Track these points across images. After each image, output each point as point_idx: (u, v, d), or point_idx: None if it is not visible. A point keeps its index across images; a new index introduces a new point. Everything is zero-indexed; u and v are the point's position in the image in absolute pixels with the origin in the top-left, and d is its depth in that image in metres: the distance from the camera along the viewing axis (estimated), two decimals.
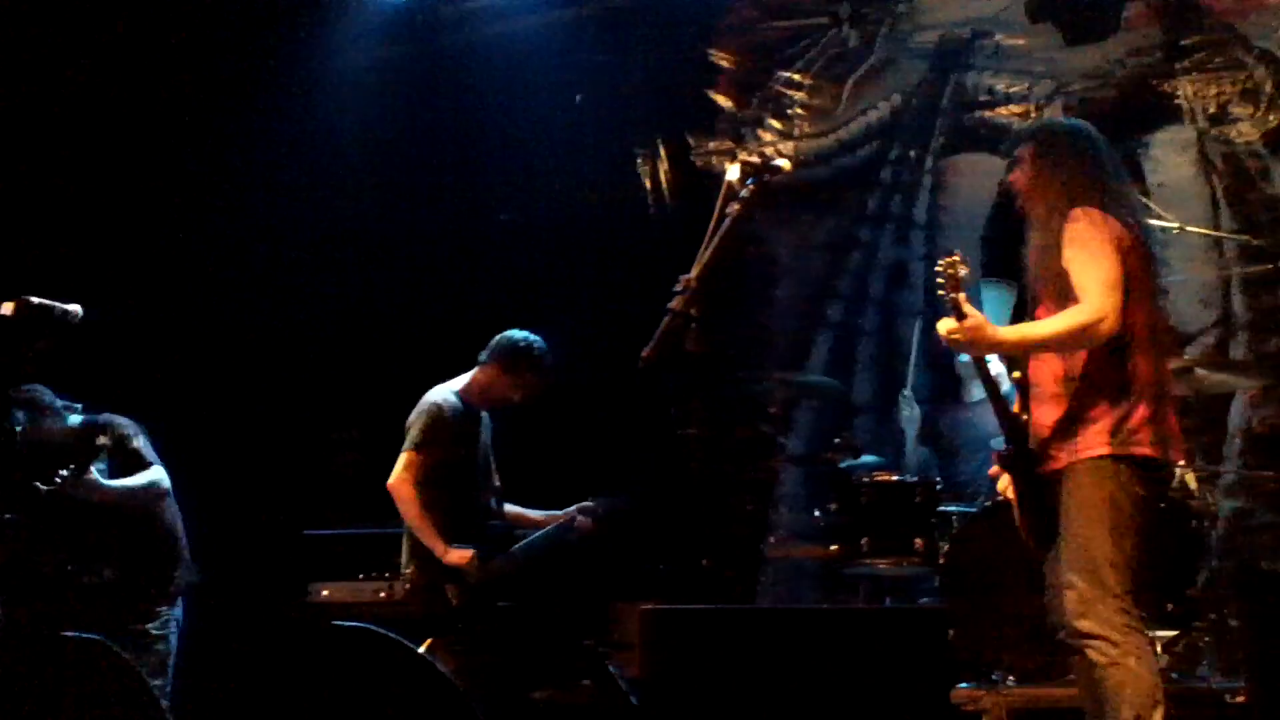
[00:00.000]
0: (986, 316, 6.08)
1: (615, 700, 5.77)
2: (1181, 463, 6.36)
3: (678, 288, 4.64)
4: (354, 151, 8.55)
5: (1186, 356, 6.76)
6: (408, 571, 6.14)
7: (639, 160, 8.78)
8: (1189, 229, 6.81)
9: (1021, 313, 5.98)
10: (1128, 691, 4.09)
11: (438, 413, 6.19)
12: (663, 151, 8.75)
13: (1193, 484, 6.32)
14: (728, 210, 4.76)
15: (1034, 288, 4.51)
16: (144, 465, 6.04)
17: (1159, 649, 5.91)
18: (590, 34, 8.70)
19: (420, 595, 6.07)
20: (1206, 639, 5.87)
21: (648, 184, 8.75)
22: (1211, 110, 7.58)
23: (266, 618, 6.81)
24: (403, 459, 6.12)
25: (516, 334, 6.35)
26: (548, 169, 8.52)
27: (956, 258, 4.42)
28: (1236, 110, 7.52)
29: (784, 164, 4.86)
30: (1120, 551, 4.23)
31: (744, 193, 4.73)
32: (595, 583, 6.44)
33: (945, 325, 4.23)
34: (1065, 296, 4.34)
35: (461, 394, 6.30)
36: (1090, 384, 4.35)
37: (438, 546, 5.97)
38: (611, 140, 8.75)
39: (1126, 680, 4.10)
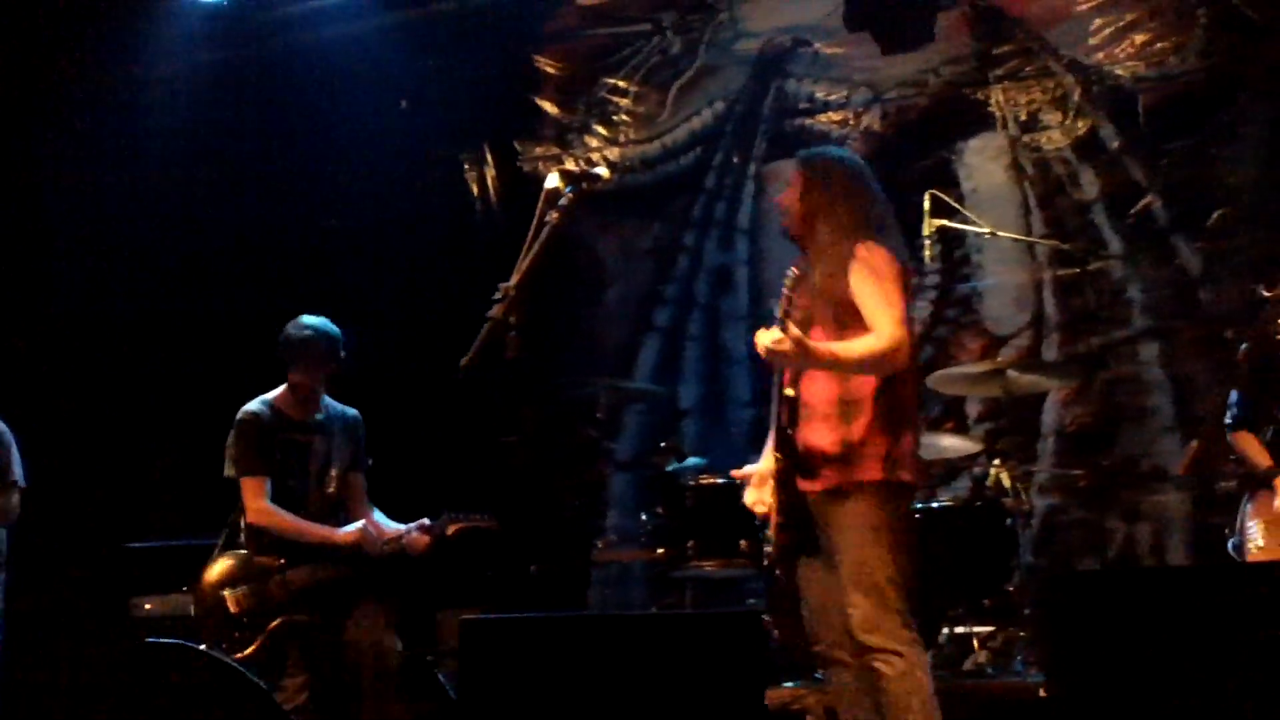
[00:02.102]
0: None
1: (445, 710, 5.72)
2: (997, 461, 6.57)
3: (497, 295, 4.63)
4: (177, 156, 8.38)
5: (1000, 358, 6.93)
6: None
7: (465, 166, 8.74)
8: (1001, 234, 6.98)
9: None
10: (915, 701, 4.21)
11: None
12: (489, 157, 8.72)
13: (1007, 483, 6.48)
14: (547, 218, 4.77)
15: (810, 310, 4.51)
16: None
17: (976, 644, 6.07)
18: (416, 39, 8.64)
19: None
20: (1021, 634, 6.00)
21: (474, 190, 8.72)
22: (1022, 118, 7.77)
23: (85, 633, 6.66)
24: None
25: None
26: (374, 174, 8.45)
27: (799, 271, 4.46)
28: (1046, 118, 7.73)
29: (603, 172, 4.87)
30: (898, 570, 4.35)
31: (563, 200, 4.74)
32: (423, 592, 6.35)
33: (770, 336, 4.24)
34: (844, 325, 4.43)
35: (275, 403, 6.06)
36: (866, 411, 4.43)
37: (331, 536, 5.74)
38: (438, 146, 8.70)
39: (914, 690, 4.23)
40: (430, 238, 8.41)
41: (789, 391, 4.46)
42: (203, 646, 5.25)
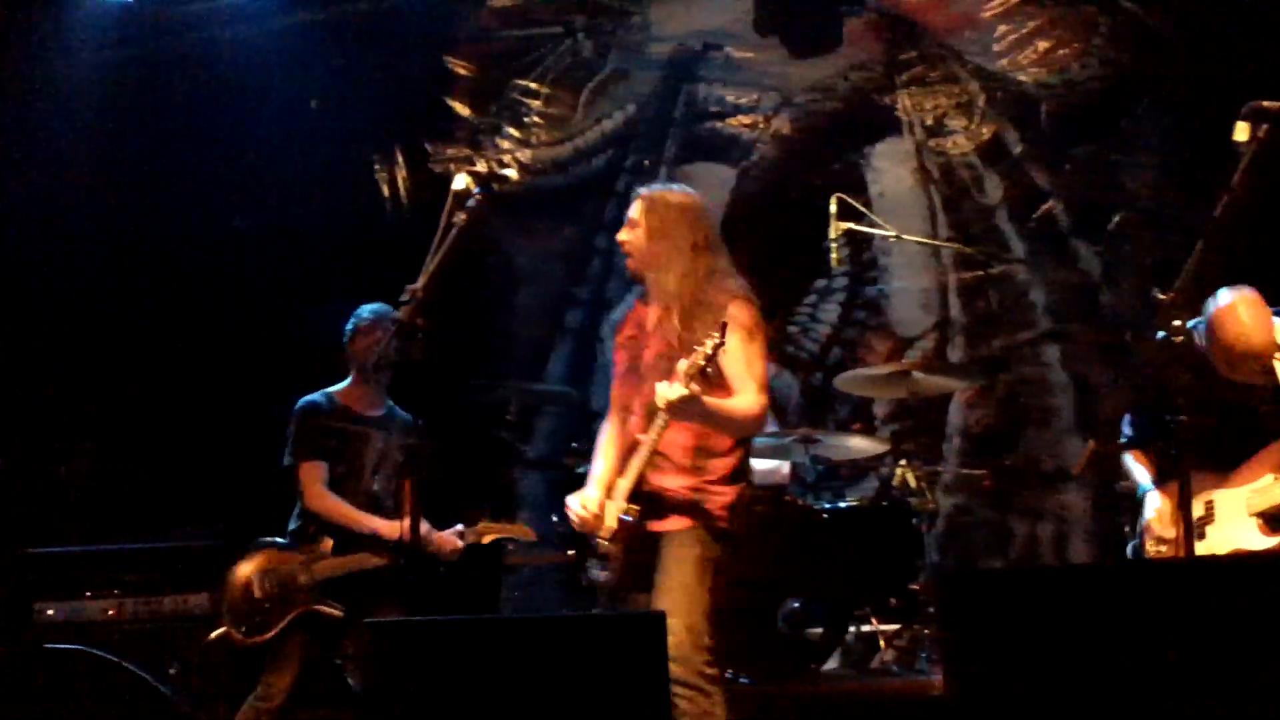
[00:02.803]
0: None
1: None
2: (903, 462, 6.65)
3: (404, 298, 4.64)
4: (83, 155, 8.26)
5: (906, 360, 7.02)
6: None
7: (376, 167, 8.71)
8: (907, 238, 7.08)
9: None
10: None
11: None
12: (400, 158, 8.69)
13: (913, 483, 6.56)
14: (455, 219, 4.77)
15: (663, 353, 4.60)
16: None
17: (883, 643, 6.14)
18: (328, 38, 8.58)
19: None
20: (927, 633, 6.08)
21: (385, 191, 8.68)
22: (929, 123, 7.88)
23: None
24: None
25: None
26: (284, 174, 8.37)
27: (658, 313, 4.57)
28: (952, 123, 7.85)
29: (511, 173, 4.89)
30: (713, 609, 4.52)
31: (472, 201, 4.75)
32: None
33: (675, 391, 4.29)
34: (704, 377, 4.40)
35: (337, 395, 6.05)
36: (718, 463, 4.59)
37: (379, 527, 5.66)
38: (349, 146, 8.65)
39: None
40: (341, 239, 8.35)
41: (640, 436, 4.53)
42: (218, 632, 5.27)
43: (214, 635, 5.30)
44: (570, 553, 6.43)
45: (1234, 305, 4.84)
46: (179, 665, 6.05)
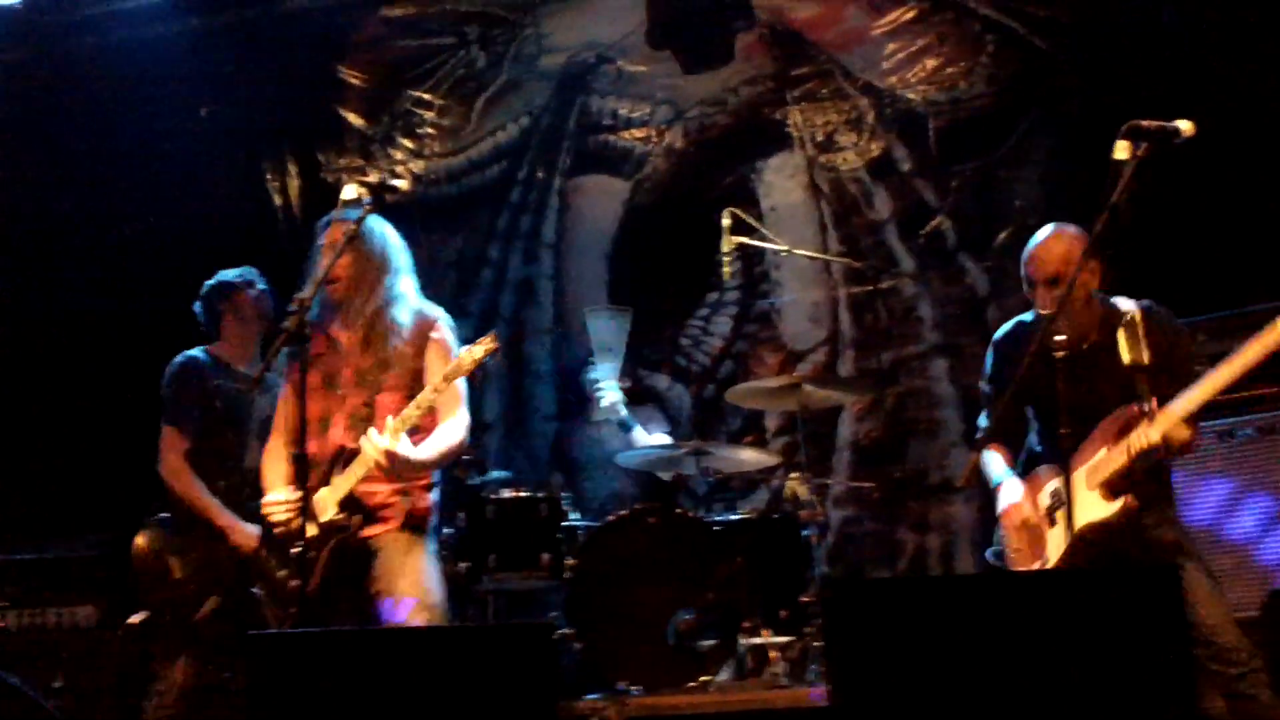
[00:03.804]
0: (603, 343, 6.46)
1: None
2: (794, 474, 6.70)
3: (292, 306, 4.63)
4: None
5: (797, 373, 7.08)
6: None
7: (269, 175, 8.62)
8: (797, 252, 7.13)
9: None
10: None
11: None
12: (292, 167, 8.61)
13: (804, 495, 6.60)
14: (345, 228, 4.78)
15: (361, 372, 5.01)
16: None
17: (773, 655, 6.17)
18: (221, 45, 8.49)
19: None
20: (816, 643, 6.12)
21: (277, 199, 8.60)
22: (819, 138, 7.96)
23: None
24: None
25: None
26: (176, 181, 8.26)
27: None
28: (842, 139, 7.93)
29: (401, 183, 4.96)
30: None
31: (361, 211, 4.76)
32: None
33: (385, 449, 4.71)
34: (412, 396, 4.86)
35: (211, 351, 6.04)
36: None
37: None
38: (241, 153, 8.56)
39: None
40: (231, 246, 8.23)
41: (352, 445, 4.85)
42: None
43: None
44: (463, 566, 6.41)
45: (1043, 230, 4.94)
46: (64, 679, 5.96)
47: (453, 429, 4.95)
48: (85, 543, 6.53)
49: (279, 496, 4.89)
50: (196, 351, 5.86)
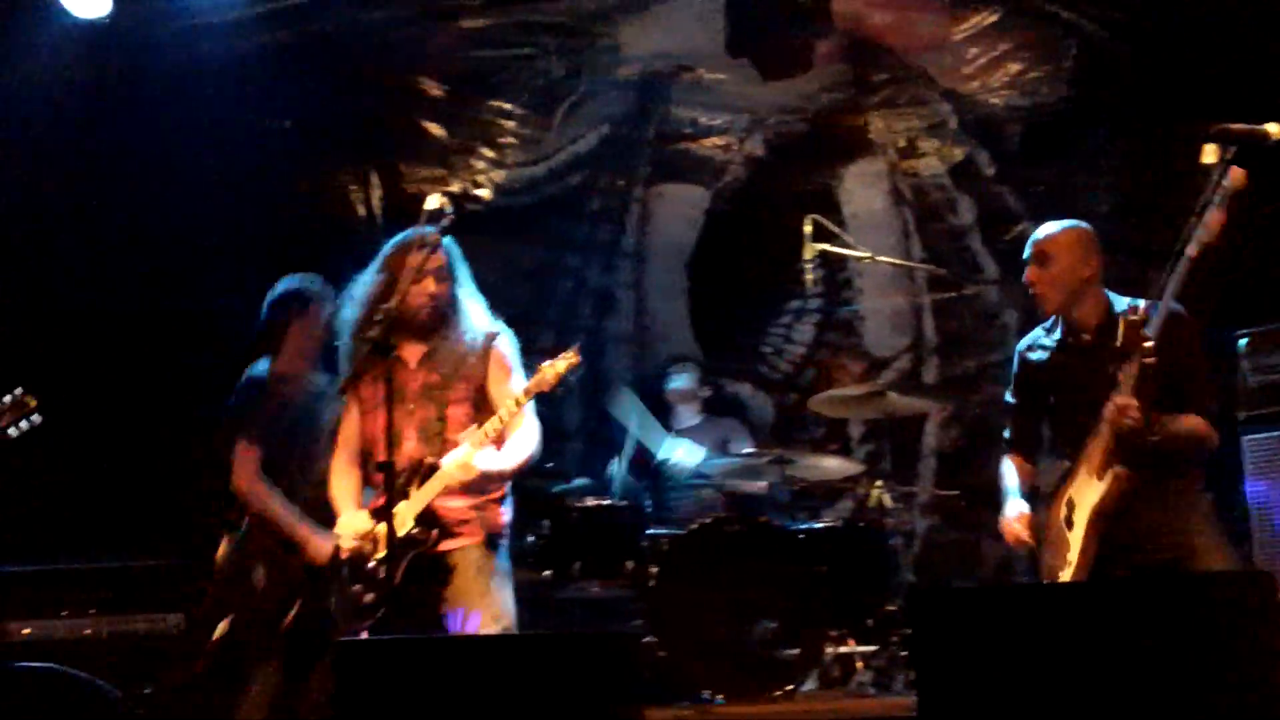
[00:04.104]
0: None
1: None
2: (879, 482, 6.65)
3: (378, 317, 4.64)
4: (50, 177, 8.20)
5: (880, 381, 7.03)
6: None
7: (352, 188, 8.67)
8: (880, 259, 7.09)
9: None
10: None
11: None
12: (375, 179, 8.67)
13: (888, 503, 6.57)
14: (428, 238, 4.80)
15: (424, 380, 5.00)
16: None
17: (860, 664, 6.13)
18: (301, 58, 8.55)
19: None
20: (904, 653, 6.07)
21: (360, 210, 8.65)
22: (901, 144, 7.92)
23: None
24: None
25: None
26: (256, 194, 8.33)
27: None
28: (924, 145, 7.89)
29: (484, 193, 4.96)
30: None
31: (444, 221, 4.77)
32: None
33: (464, 465, 4.74)
34: (479, 408, 4.96)
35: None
36: (495, 486, 5.02)
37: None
38: (322, 166, 8.63)
39: None
40: (311, 258, 8.30)
41: (430, 459, 4.84)
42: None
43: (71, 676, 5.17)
44: (546, 573, 6.43)
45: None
46: (152, 686, 6.00)
47: (525, 439, 4.98)
48: (171, 551, 6.58)
49: (353, 523, 4.88)
50: (262, 365, 5.87)
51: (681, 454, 7.27)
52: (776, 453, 6.61)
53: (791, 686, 5.92)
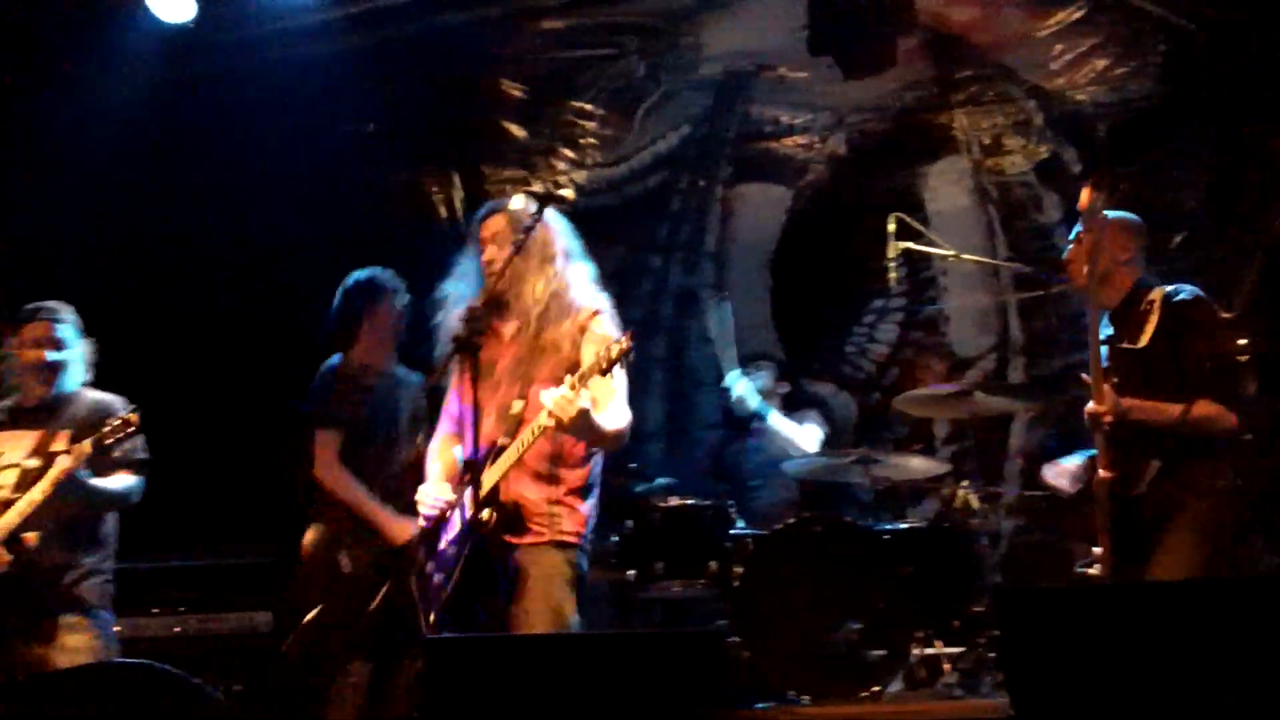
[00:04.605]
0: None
1: None
2: (965, 483, 6.60)
3: (464, 315, 4.64)
4: (135, 177, 8.31)
5: (966, 380, 6.97)
6: None
7: (434, 189, 8.73)
8: (965, 257, 7.03)
9: None
10: None
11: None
12: (457, 180, 8.71)
13: (974, 504, 6.52)
14: (513, 239, 4.79)
15: (523, 361, 4.75)
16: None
17: (946, 665, 6.08)
18: (381, 61, 8.61)
19: None
20: (991, 655, 6.02)
21: (442, 211, 8.70)
22: (985, 142, 7.85)
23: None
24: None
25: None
26: (338, 196, 8.40)
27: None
28: (1009, 142, 7.82)
29: (568, 193, 4.94)
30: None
31: (528, 222, 4.77)
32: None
33: (568, 400, 4.34)
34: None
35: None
36: (573, 473, 4.73)
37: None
38: (404, 168, 8.69)
39: None
40: (393, 259, 8.36)
41: (503, 440, 4.58)
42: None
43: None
44: (629, 573, 6.43)
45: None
46: (242, 683, 6.07)
47: (617, 414, 4.65)
48: (259, 550, 6.64)
49: (431, 489, 4.77)
50: (337, 358, 5.94)
51: (742, 389, 7.27)
52: (861, 452, 6.57)
53: (877, 688, 5.87)
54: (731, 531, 6.43)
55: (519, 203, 4.91)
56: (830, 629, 5.99)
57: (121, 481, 5.38)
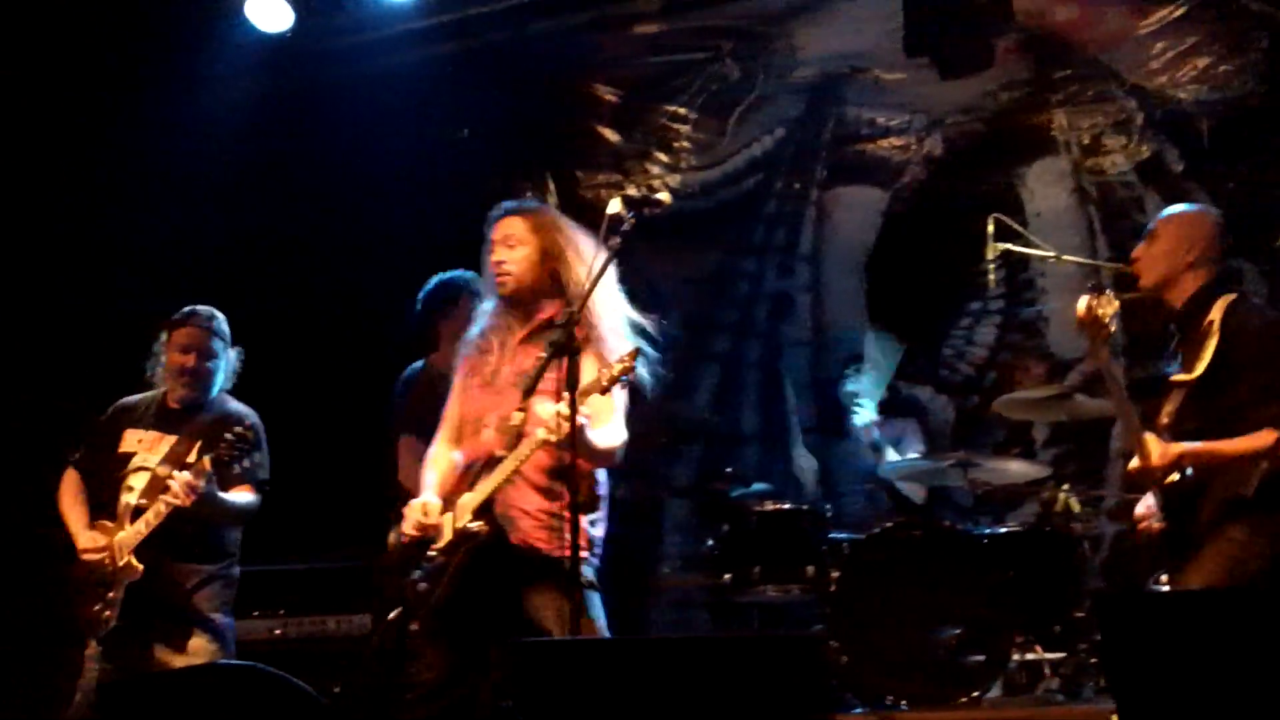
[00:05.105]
0: (878, 361, 6.38)
1: None
2: (1065, 486, 6.52)
3: (560, 321, 4.64)
4: (233, 185, 8.42)
5: (1066, 383, 6.89)
6: None
7: (527, 193, 8.76)
8: (1067, 258, 6.94)
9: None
10: None
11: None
12: (551, 185, 8.75)
13: (1076, 508, 6.44)
14: (609, 243, 4.78)
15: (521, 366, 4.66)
16: None
17: (1047, 670, 6.02)
18: (474, 68, 8.67)
19: None
20: (1092, 660, 5.95)
21: None
22: (1085, 142, 7.76)
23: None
24: None
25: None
26: (432, 203, 8.45)
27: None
28: (1109, 141, 7.72)
29: (664, 197, 4.92)
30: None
31: (626, 226, 4.75)
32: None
33: (553, 409, 4.31)
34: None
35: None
36: (578, 487, 4.49)
37: None
38: (497, 173, 8.72)
39: None
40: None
41: (500, 452, 4.51)
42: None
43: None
44: (726, 577, 6.42)
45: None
46: (341, 685, 6.12)
47: (612, 431, 4.60)
48: (359, 553, 6.70)
49: (418, 508, 4.72)
50: (418, 364, 5.99)
51: (872, 435, 7.27)
52: (959, 456, 6.52)
53: (976, 694, 5.82)
54: (829, 535, 6.40)
55: (615, 206, 4.89)
56: (928, 634, 5.94)
57: (242, 497, 5.46)
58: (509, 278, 4.83)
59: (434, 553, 4.62)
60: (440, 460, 4.88)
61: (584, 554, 4.50)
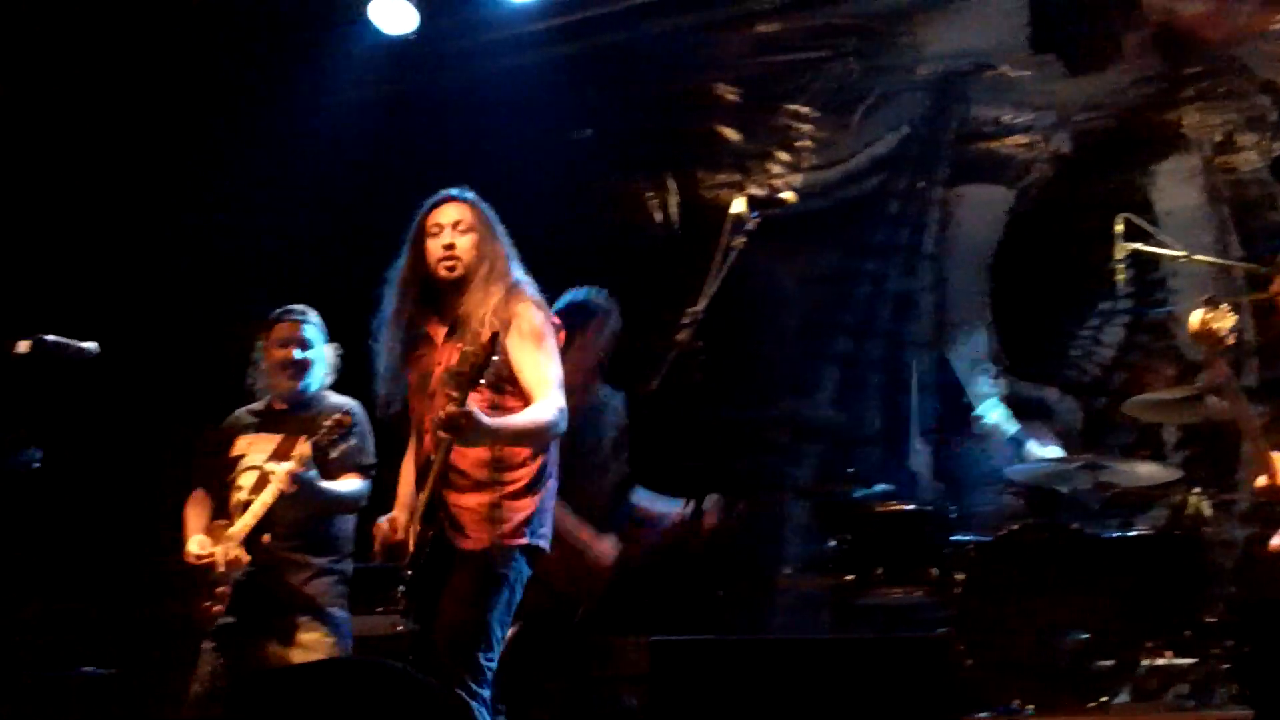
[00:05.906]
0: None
1: None
2: (1196, 489, 6.40)
3: (684, 320, 4.64)
4: (359, 186, 8.53)
5: (1197, 384, 6.75)
6: None
7: (650, 194, 8.79)
8: (1198, 258, 6.82)
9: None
10: None
11: None
12: (672, 185, 8.76)
13: (1207, 512, 6.33)
14: (733, 243, 4.78)
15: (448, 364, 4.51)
16: None
17: (1177, 676, 5.92)
18: (592, 69, 8.71)
19: None
20: (1223, 666, 5.84)
21: (658, 217, 8.76)
22: (1217, 139, 7.61)
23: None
24: None
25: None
26: (553, 204, 8.50)
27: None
28: (1241, 139, 7.56)
29: (789, 196, 4.88)
30: (499, 629, 4.51)
31: (749, 225, 4.75)
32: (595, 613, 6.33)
33: (446, 409, 4.23)
34: (501, 388, 4.52)
35: None
36: (515, 474, 4.56)
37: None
38: (618, 174, 8.76)
39: None
40: (612, 268, 8.43)
41: (433, 456, 4.46)
42: None
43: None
44: (849, 578, 6.40)
45: None
46: None
47: (536, 409, 4.48)
48: None
49: (385, 525, 4.73)
50: None
51: (997, 416, 7.21)
52: (1088, 458, 6.42)
53: (1105, 699, 5.74)
54: (953, 538, 6.34)
55: (739, 206, 4.89)
56: (1056, 638, 5.87)
57: (349, 485, 5.50)
58: (458, 263, 4.75)
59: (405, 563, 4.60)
60: (406, 470, 4.90)
61: (510, 541, 4.53)
